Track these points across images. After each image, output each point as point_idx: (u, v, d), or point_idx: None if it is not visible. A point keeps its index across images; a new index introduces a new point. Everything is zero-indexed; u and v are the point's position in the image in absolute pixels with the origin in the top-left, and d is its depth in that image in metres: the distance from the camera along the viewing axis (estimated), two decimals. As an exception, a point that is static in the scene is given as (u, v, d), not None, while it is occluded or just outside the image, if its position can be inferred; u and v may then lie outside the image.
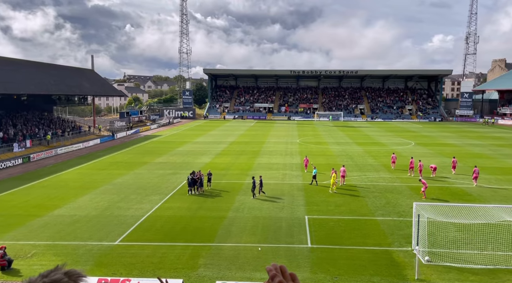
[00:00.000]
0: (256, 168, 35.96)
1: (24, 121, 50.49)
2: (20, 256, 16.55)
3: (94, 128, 62.01)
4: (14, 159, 38.87)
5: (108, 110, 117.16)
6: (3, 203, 25.05)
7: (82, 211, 23.23)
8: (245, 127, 76.50)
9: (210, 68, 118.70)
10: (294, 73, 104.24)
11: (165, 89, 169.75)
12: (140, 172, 34.31)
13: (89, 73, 68.28)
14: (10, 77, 45.24)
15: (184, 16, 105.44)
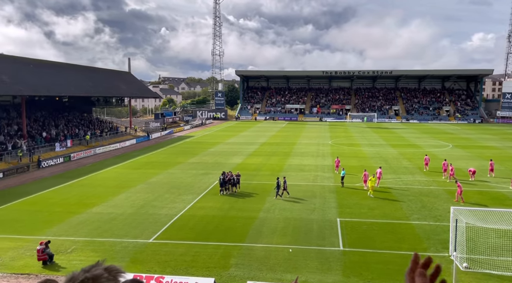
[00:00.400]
0: (287, 169, 35.87)
1: (65, 121, 52.83)
2: (61, 251, 17.34)
3: (130, 129, 63.97)
4: (56, 158, 40.76)
5: (143, 111, 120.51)
6: (45, 200, 26.32)
7: (118, 209, 24.03)
8: (276, 128, 76.48)
9: (242, 70, 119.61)
10: (327, 74, 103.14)
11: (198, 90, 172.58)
12: (173, 172, 35.06)
13: (126, 76, 70.52)
14: (53, 79, 47.49)
15: (217, 19, 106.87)
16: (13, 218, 22.32)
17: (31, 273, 15.60)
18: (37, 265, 16.15)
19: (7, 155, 37.63)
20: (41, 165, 38.08)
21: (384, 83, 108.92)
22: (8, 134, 41.68)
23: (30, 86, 42.53)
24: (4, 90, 39.39)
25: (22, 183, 31.78)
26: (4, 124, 43.58)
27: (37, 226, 20.89)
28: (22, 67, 44.86)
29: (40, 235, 19.32)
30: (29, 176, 34.41)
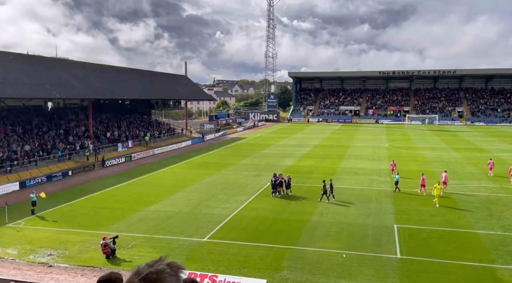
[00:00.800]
0: (340, 173, 35.11)
1: (127, 123, 55.88)
2: (122, 246, 18.30)
3: (186, 130, 66.21)
4: (118, 158, 43.23)
5: (198, 113, 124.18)
6: (109, 197, 27.97)
7: (175, 208, 24.91)
8: (329, 130, 75.21)
9: (295, 71, 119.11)
10: (384, 74, 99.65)
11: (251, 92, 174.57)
12: (226, 173, 35.71)
13: (182, 79, 73.14)
14: (116, 83, 50.45)
15: (271, 21, 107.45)
16: (80, 214, 23.96)
17: (95, 266, 16.63)
18: (101, 258, 17.19)
19: (75, 155, 40.53)
20: (105, 164, 40.56)
21: (446, 83, 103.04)
22: (76, 135, 44.90)
23: (96, 90, 45.52)
24: (74, 93, 42.52)
25: (88, 180, 34.05)
26: (73, 125, 47.00)
27: (101, 222, 22.25)
28: (89, 72, 48.13)
29: (104, 230, 20.54)
30: (94, 174, 36.78)
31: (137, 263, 16.87)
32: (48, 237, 19.95)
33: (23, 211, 23.94)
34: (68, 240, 19.50)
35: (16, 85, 35.80)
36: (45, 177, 33.59)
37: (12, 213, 22.96)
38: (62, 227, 21.51)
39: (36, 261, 17.14)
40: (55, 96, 40.65)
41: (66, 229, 21.18)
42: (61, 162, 38.38)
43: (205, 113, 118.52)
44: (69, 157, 39.92)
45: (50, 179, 33.71)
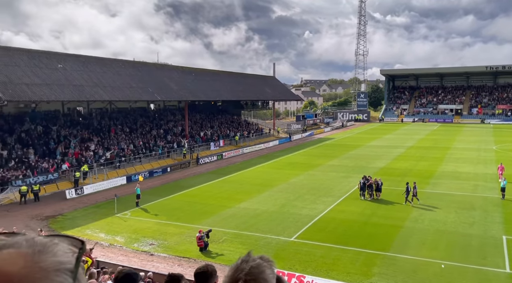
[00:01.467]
0: (439, 176, 32.50)
1: (218, 123, 58.69)
2: (214, 240, 19.28)
3: (273, 130, 67.23)
4: (211, 156, 45.62)
5: (286, 114, 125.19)
6: (202, 193, 29.67)
7: (262, 206, 25.46)
8: (426, 130, 70.03)
9: (388, 69, 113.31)
10: (491, 69, 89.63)
11: (339, 92, 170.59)
12: (313, 173, 35.41)
13: (271, 80, 74.42)
14: (210, 86, 53.29)
15: (362, 18, 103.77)
16: (177, 208, 25.81)
17: (191, 258, 17.78)
18: (196, 250, 18.32)
19: (173, 152, 43.78)
20: (199, 162, 43.11)
21: None
22: (174, 134, 48.46)
23: (192, 92, 48.62)
24: (173, 96, 45.98)
25: (184, 177, 36.51)
26: (171, 125, 50.81)
27: (195, 216, 23.70)
28: (186, 75, 51.58)
29: (197, 224, 21.85)
30: (190, 171, 39.30)
31: (228, 257, 17.64)
32: (150, 227, 21.86)
33: (129, 203, 26.56)
34: (167, 231, 21.14)
35: (125, 89, 39.89)
36: (148, 172, 36.87)
37: (120, 205, 25.63)
38: (162, 219, 23.41)
39: (139, 249, 18.91)
40: (157, 99, 44.41)
41: (165, 221, 23.00)
42: (161, 159, 41.78)
43: (292, 113, 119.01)
44: (168, 154, 43.25)
45: (152, 175, 36.91)
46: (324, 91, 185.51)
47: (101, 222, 23.13)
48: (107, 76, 39.38)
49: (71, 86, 34.47)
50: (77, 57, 40.11)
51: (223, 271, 14.97)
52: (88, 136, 39.44)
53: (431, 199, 26.10)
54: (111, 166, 36.52)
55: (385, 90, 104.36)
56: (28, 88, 30.62)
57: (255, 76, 73.43)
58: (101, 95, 36.81)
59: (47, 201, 28.09)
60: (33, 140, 35.30)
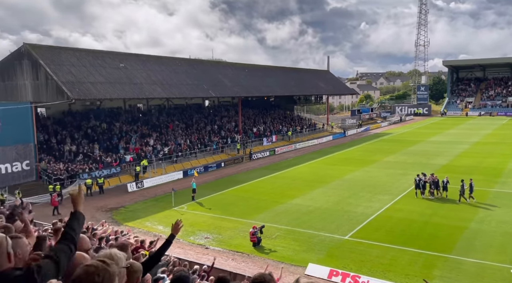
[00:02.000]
0: (508, 175, 30.04)
1: (271, 119, 58.79)
2: (267, 236, 19.33)
3: (327, 126, 66.05)
4: (263, 152, 45.85)
5: (340, 108, 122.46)
6: (255, 188, 29.90)
7: (315, 203, 25.10)
8: (493, 125, 65.00)
9: (451, 60, 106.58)
10: None
11: (397, 85, 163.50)
12: (369, 170, 34.29)
13: (324, 74, 73.07)
14: (262, 81, 53.46)
15: (423, 6, 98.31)
16: (230, 202, 26.24)
17: (244, 252, 17.99)
18: (249, 245, 18.50)
19: (227, 148, 44.58)
20: (252, 157, 43.51)
21: None
22: (228, 130, 49.31)
23: (245, 88, 49.08)
24: (226, 92, 46.75)
25: (237, 172, 37.03)
26: (225, 121, 51.73)
27: (248, 211, 23.94)
28: (239, 71, 52.17)
29: (250, 219, 22.07)
30: (243, 167, 39.79)
31: (281, 253, 17.63)
32: (205, 221, 22.44)
33: (186, 197, 27.46)
34: (221, 225, 21.58)
35: (181, 86, 41.23)
36: (203, 167, 37.87)
37: (177, 198, 26.57)
38: (216, 213, 23.93)
39: (195, 242, 19.48)
40: (211, 95, 45.41)
41: (219, 215, 23.49)
42: (215, 154, 42.73)
43: (347, 108, 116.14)
44: (222, 150, 44.11)
45: (206, 170, 37.87)
46: (381, 84, 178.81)
47: (159, 215, 24.15)
48: (164, 74, 40.92)
49: (132, 84, 36.26)
50: (137, 56, 42.11)
51: (276, 267, 14.98)
52: (147, 132, 41.33)
53: (499, 199, 24.22)
54: (169, 161, 37.97)
55: (448, 82, 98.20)
56: (93, 87, 32.68)
57: (308, 71, 72.50)
58: (159, 93, 38.36)
59: (111, 194, 29.88)
60: (98, 135, 37.68)
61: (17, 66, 32.29)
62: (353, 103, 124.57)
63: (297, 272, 15.58)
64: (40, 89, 31.50)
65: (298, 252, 17.71)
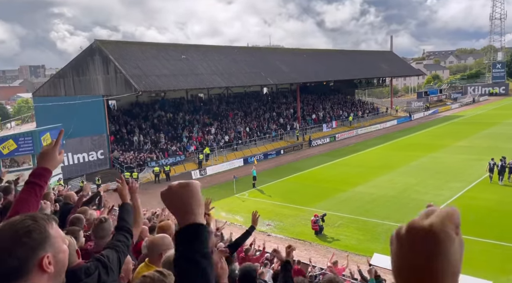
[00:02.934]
0: None
1: (331, 104, 57.47)
2: (329, 224, 19.08)
3: (391, 109, 63.15)
4: (323, 138, 45.09)
5: (405, 90, 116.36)
6: (315, 176, 29.57)
7: (380, 190, 24.23)
8: None
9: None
10: None
11: (469, 63, 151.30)
12: (438, 156, 32.30)
13: (387, 55, 69.65)
14: (321, 66, 52.27)
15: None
16: (290, 190, 26.23)
17: (306, 240, 17.95)
18: (311, 233, 18.41)
19: (286, 135, 44.48)
20: (311, 144, 43.01)
21: None
22: (286, 117, 49.10)
23: (303, 73, 48.37)
24: (284, 78, 46.45)
25: (297, 159, 36.85)
26: (284, 108, 51.52)
27: (309, 199, 23.76)
28: (297, 57, 51.46)
29: (311, 207, 21.89)
30: (302, 154, 39.49)
31: (344, 242, 17.32)
32: (266, 208, 22.67)
33: (247, 184, 27.92)
34: (282, 213, 21.69)
35: (239, 74, 41.68)
36: (262, 155, 38.20)
37: (238, 185, 27.11)
38: (277, 200, 24.08)
39: (257, 229, 19.72)
40: (269, 82, 45.38)
41: (280, 202, 23.61)
42: (274, 142, 42.85)
43: (412, 90, 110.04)
44: (281, 137, 44.10)
45: (266, 157, 38.15)
46: (451, 63, 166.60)
47: (222, 202, 24.82)
48: (223, 63, 41.58)
49: (193, 75, 37.34)
50: (197, 47, 43.19)
51: (340, 256, 14.74)
52: (208, 121, 42.50)
53: None
54: (229, 149, 38.79)
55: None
56: (158, 79, 34.16)
57: (369, 52, 69.60)
58: (219, 82, 39.13)
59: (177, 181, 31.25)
60: (163, 125, 39.47)
61: (89, 61, 34.66)
62: (419, 84, 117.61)
63: (361, 261, 15.22)
64: (110, 82, 33.60)
65: (362, 241, 17.27)
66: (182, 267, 1.17)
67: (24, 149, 25.02)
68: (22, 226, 1.31)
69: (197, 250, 1.17)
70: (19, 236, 1.30)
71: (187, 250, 1.17)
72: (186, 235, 1.20)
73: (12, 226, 1.32)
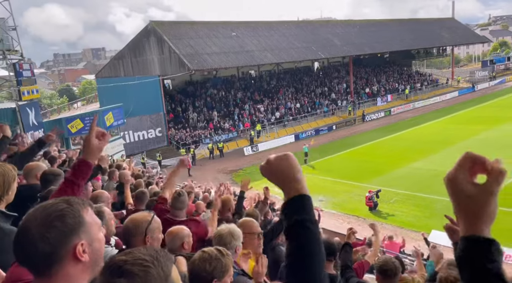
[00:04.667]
0: None
1: (386, 77, 55.07)
2: (384, 201, 18.75)
3: (452, 80, 59.31)
4: (377, 113, 43.63)
5: (468, 60, 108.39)
6: (370, 151, 28.91)
7: (440, 166, 23.14)
8: None
9: None
10: None
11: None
12: (506, 128, 30.09)
13: (448, 22, 64.85)
14: (375, 37, 49.95)
15: None
16: (344, 166, 25.93)
17: (359, 216, 17.84)
18: (365, 209, 18.24)
19: (338, 110, 43.57)
20: (365, 119, 41.83)
21: None
22: (338, 92, 47.92)
23: (356, 46, 46.61)
24: (336, 52, 45.12)
25: (350, 135, 36.13)
26: (336, 82, 50.25)
27: (363, 175, 23.38)
28: (350, 29, 49.56)
29: (365, 183, 21.55)
30: (356, 129, 38.60)
31: (400, 218, 17.00)
32: (318, 184, 22.67)
33: (298, 160, 27.75)
34: (335, 189, 21.60)
35: (289, 50, 41.08)
36: (314, 131, 37.87)
37: (290, 161, 27.22)
38: (329, 176, 23.96)
39: (310, 204, 19.94)
40: (320, 57, 44.27)
41: (332, 178, 23.49)
42: (326, 117, 42.19)
43: (476, 59, 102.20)
44: (333, 112, 43.29)
45: (317, 133, 37.79)
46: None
47: (274, 177, 25.18)
48: (273, 39, 41.14)
49: (244, 52, 37.42)
50: (247, 23, 43.00)
51: (392, 230, 14.54)
52: (259, 98, 42.66)
53: None
54: (280, 125, 38.85)
55: None
56: (209, 57, 34.69)
57: (428, 20, 65.17)
58: (269, 58, 38.92)
59: (230, 157, 32.08)
60: (215, 103, 40.28)
61: (145, 43, 35.89)
62: (484, 52, 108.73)
63: (418, 238, 14.90)
64: (165, 62, 34.68)
65: (420, 218, 16.85)
66: (296, 233, 1.26)
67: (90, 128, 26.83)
68: (55, 209, 1.23)
69: (307, 218, 1.27)
70: (51, 219, 1.21)
71: (298, 218, 1.27)
72: (295, 205, 1.30)
73: (45, 209, 1.24)
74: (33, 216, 1.23)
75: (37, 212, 1.23)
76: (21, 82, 20.70)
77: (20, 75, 20.62)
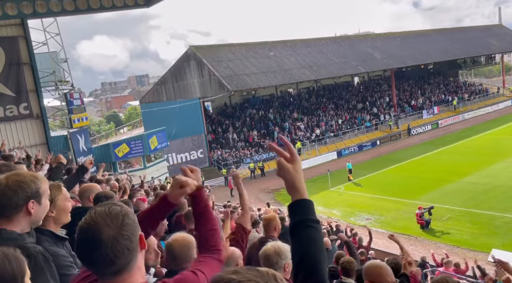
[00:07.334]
0: None
1: (430, 88, 53.00)
2: (437, 218, 17.61)
3: (503, 89, 56.00)
4: (424, 126, 41.87)
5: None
6: (417, 166, 27.57)
7: (496, 180, 21.64)
8: None
9: None
10: None
11: None
12: None
13: (496, 29, 61.88)
14: (417, 49, 48.50)
15: None
16: (390, 182, 24.84)
17: (411, 235, 16.83)
18: (416, 228, 17.21)
19: (381, 125, 42.26)
20: (411, 133, 40.23)
21: None
22: (380, 106, 46.61)
23: (397, 58, 45.45)
24: (376, 66, 44.19)
25: (395, 150, 34.79)
26: (377, 97, 48.99)
27: (411, 191, 22.24)
28: (390, 42, 48.52)
29: (414, 199, 20.44)
30: (401, 143, 37.15)
31: (455, 237, 15.85)
32: (364, 202, 21.84)
33: (341, 177, 27.19)
34: (382, 206, 20.65)
35: (328, 66, 40.76)
36: (357, 147, 36.88)
37: (333, 179, 26.54)
38: (376, 193, 23.01)
39: (356, 223, 19.12)
40: (360, 71, 43.58)
41: (379, 195, 22.52)
42: (369, 133, 41.02)
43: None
44: (376, 127, 42.04)
45: (361, 149, 36.75)
46: None
47: (318, 196, 24.54)
48: (311, 56, 41.07)
49: (282, 71, 37.57)
50: (284, 42, 43.31)
51: (450, 251, 13.52)
52: (299, 115, 42.39)
53: None
54: (322, 142, 38.21)
55: None
56: (248, 78, 35.11)
57: (474, 28, 62.58)
58: (308, 76, 38.78)
59: (271, 176, 31.76)
60: (255, 122, 40.47)
61: (186, 67, 37.03)
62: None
63: (478, 257, 13.76)
64: (205, 85, 35.51)
65: (478, 236, 15.62)
66: (300, 232, 1.42)
67: (136, 152, 27.76)
68: (118, 211, 1.44)
69: (310, 219, 1.44)
70: (122, 218, 1.40)
71: (302, 218, 1.44)
72: (298, 207, 1.47)
73: (109, 212, 1.43)
74: (100, 220, 1.35)
75: (100, 216, 1.35)
76: (72, 111, 21.88)
77: (71, 104, 21.82)
